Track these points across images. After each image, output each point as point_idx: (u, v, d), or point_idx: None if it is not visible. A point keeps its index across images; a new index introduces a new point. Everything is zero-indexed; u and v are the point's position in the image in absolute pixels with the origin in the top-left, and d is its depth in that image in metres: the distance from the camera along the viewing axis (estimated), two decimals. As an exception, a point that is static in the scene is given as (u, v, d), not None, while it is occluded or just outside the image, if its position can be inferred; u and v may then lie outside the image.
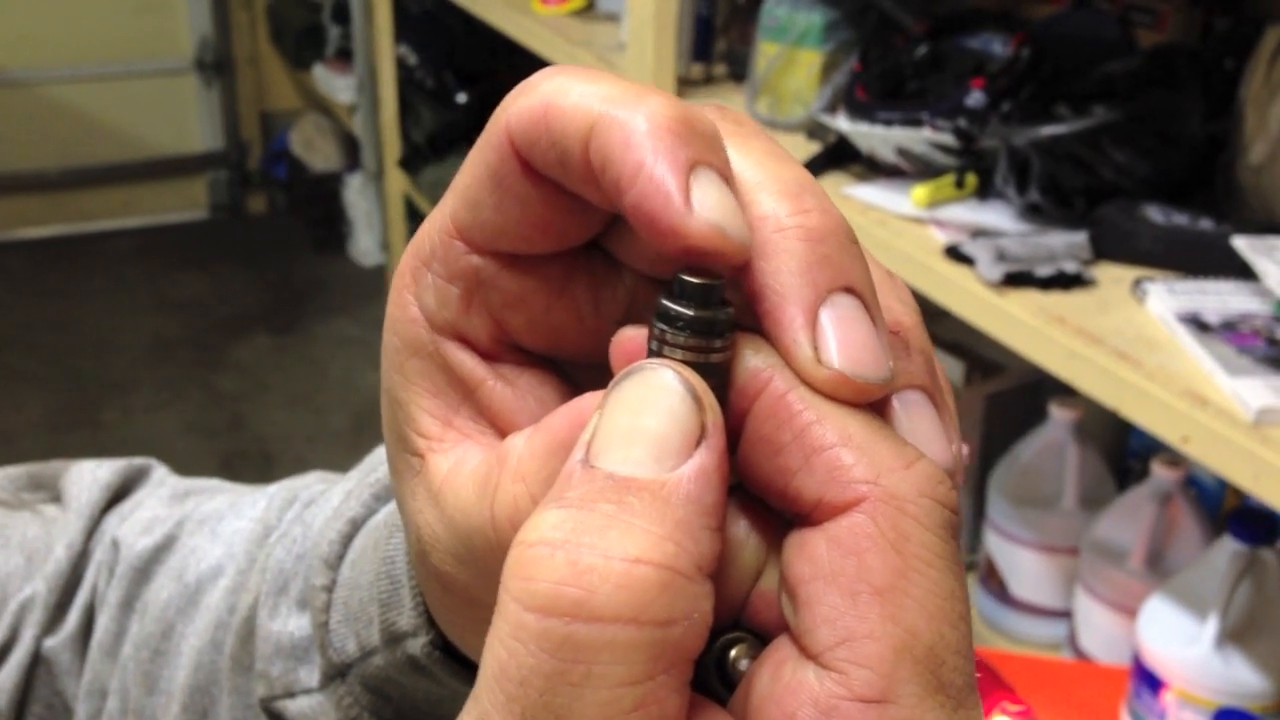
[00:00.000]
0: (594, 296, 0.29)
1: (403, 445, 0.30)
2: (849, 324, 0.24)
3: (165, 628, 0.48)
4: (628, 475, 0.22)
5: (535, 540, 0.22)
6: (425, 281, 0.29)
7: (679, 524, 0.22)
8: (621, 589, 0.21)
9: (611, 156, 0.24)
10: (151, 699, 0.47)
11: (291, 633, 0.43)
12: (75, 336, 3.46)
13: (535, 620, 0.21)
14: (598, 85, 0.25)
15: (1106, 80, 1.21)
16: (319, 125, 4.02)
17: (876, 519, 0.23)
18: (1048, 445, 1.41)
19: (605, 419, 0.23)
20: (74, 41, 3.94)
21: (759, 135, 0.27)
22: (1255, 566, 1.12)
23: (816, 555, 0.23)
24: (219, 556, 0.48)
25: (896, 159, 1.34)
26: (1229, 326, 1.04)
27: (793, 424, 0.24)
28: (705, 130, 0.25)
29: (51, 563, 0.50)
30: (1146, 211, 1.18)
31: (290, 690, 0.43)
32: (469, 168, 0.28)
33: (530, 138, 0.26)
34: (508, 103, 0.27)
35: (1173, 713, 1.14)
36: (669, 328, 0.24)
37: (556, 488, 0.23)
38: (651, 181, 0.24)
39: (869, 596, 0.22)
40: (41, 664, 0.49)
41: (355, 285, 3.78)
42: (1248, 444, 0.91)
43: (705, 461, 0.23)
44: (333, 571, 0.42)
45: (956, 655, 0.22)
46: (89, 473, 0.53)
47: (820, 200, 0.25)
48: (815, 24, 1.52)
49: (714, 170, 0.24)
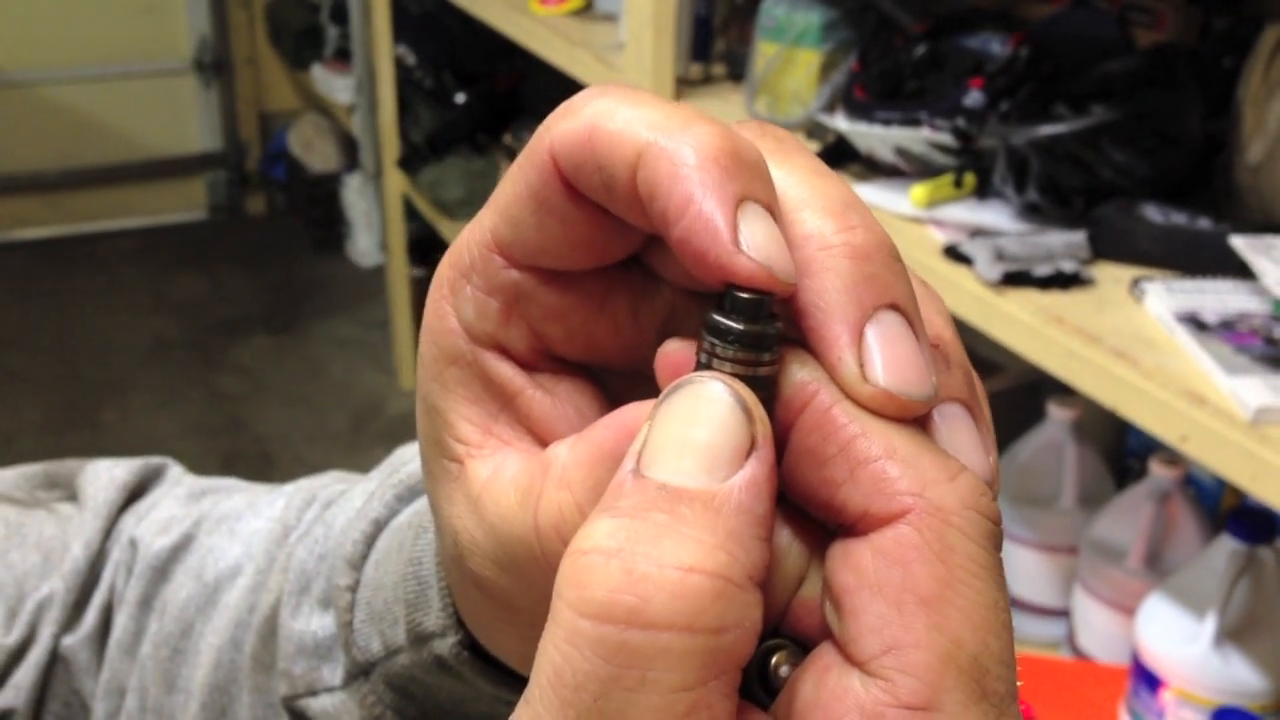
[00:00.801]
0: (633, 308, 0.29)
1: (440, 451, 0.31)
2: (894, 341, 0.24)
3: (184, 627, 0.48)
4: (679, 485, 0.23)
5: (590, 548, 0.22)
6: (464, 294, 0.29)
7: (730, 534, 0.22)
8: (676, 597, 0.21)
9: (659, 188, 0.25)
10: (170, 697, 0.48)
11: (315, 632, 0.43)
12: (74, 337, 3.46)
13: (591, 626, 0.22)
14: (643, 110, 0.26)
15: (1105, 80, 1.21)
16: (318, 125, 4.02)
17: (922, 530, 0.23)
18: (1046, 444, 1.41)
19: (656, 430, 0.24)
20: (73, 42, 3.94)
21: (801, 151, 0.27)
22: (1254, 565, 1.12)
23: (862, 565, 0.23)
24: (238, 556, 0.49)
25: (895, 159, 1.34)
26: (1227, 326, 1.04)
27: (838, 437, 0.24)
28: (751, 160, 0.25)
29: (69, 562, 0.50)
30: (1145, 211, 1.19)
31: (313, 689, 0.43)
32: (510, 184, 0.28)
33: (575, 161, 0.26)
34: (551, 123, 0.27)
35: (1171, 711, 1.14)
36: (719, 341, 0.25)
37: (608, 497, 0.23)
38: (700, 218, 0.24)
39: (915, 606, 0.23)
40: (59, 662, 0.49)
41: (354, 286, 3.78)
42: (1246, 443, 0.91)
43: (756, 472, 0.23)
44: (356, 571, 0.42)
45: (1000, 664, 0.23)
46: (105, 472, 0.54)
47: (864, 217, 0.26)
48: (814, 24, 1.52)
49: (761, 205, 0.25)
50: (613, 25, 1.90)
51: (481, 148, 2.88)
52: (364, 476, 0.48)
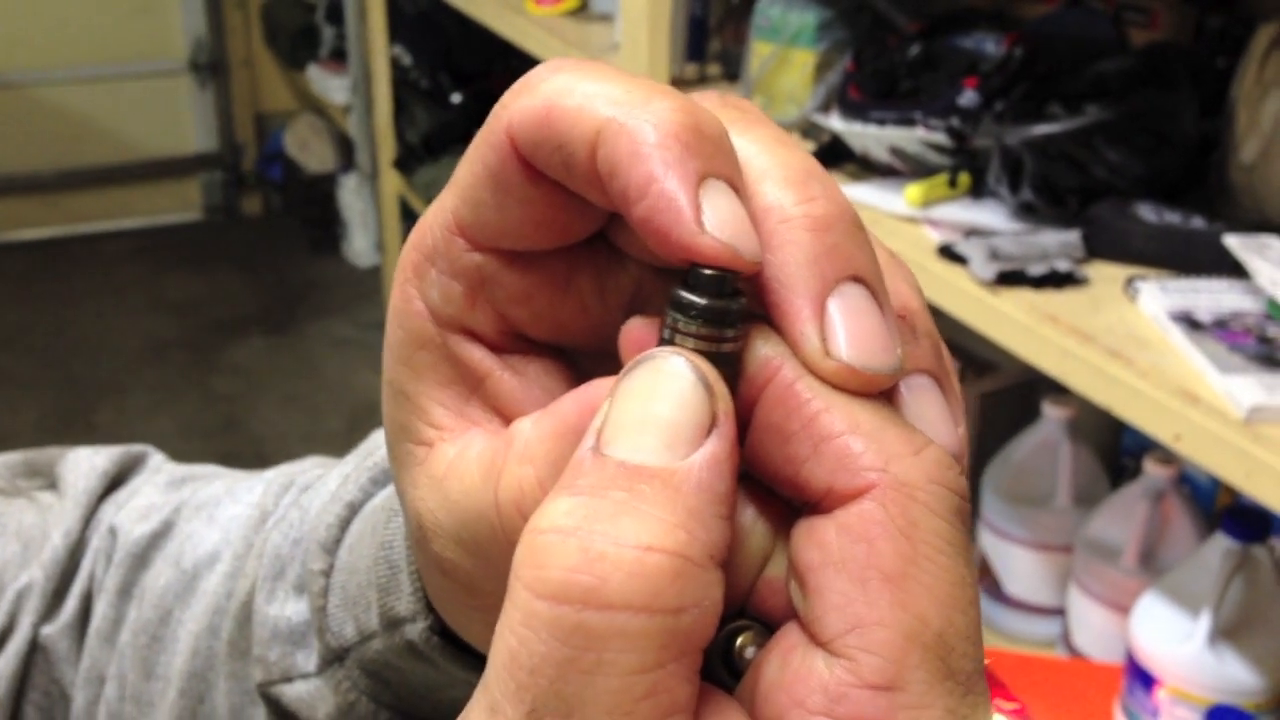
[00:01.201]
0: (599, 287, 0.29)
1: (407, 435, 0.30)
2: (857, 314, 0.24)
3: (163, 614, 0.48)
4: (639, 463, 0.22)
5: (547, 528, 0.22)
6: (429, 277, 0.29)
7: (690, 512, 0.22)
8: (634, 576, 0.21)
9: (619, 166, 0.24)
10: (149, 684, 0.47)
11: (289, 617, 0.43)
12: (70, 338, 3.46)
13: (547, 608, 0.21)
14: (602, 85, 0.25)
15: (1099, 79, 1.21)
16: (313, 126, 4.02)
17: (886, 506, 0.23)
18: (1041, 443, 1.41)
19: (616, 407, 0.23)
20: (68, 43, 3.93)
21: (762, 121, 0.27)
22: (1247, 564, 1.13)
23: (826, 542, 0.23)
24: (216, 542, 0.48)
25: (890, 158, 1.34)
26: (1221, 325, 1.04)
27: (801, 412, 0.24)
28: (714, 134, 0.24)
29: (49, 550, 0.50)
30: (1139, 210, 1.19)
31: (288, 675, 0.43)
32: (469, 165, 0.27)
33: (533, 140, 0.25)
34: (508, 100, 0.26)
35: (1165, 710, 1.14)
36: (682, 316, 0.24)
37: (567, 476, 0.23)
38: (662, 196, 0.23)
39: (879, 583, 0.22)
40: (39, 651, 0.49)
41: (350, 286, 3.78)
42: (1239, 442, 0.92)
43: (717, 450, 0.23)
44: (330, 556, 0.42)
45: (966, 641, 0.22)
46: (85, 460, 0.53)
47: (826, 187, 0.25)
48: (809, 23, 1.53)
49: (724, 181, 0.24)
50: (608, 25, 1.90)
51: (477, 148, 2.88)
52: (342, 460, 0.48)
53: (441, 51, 2.90)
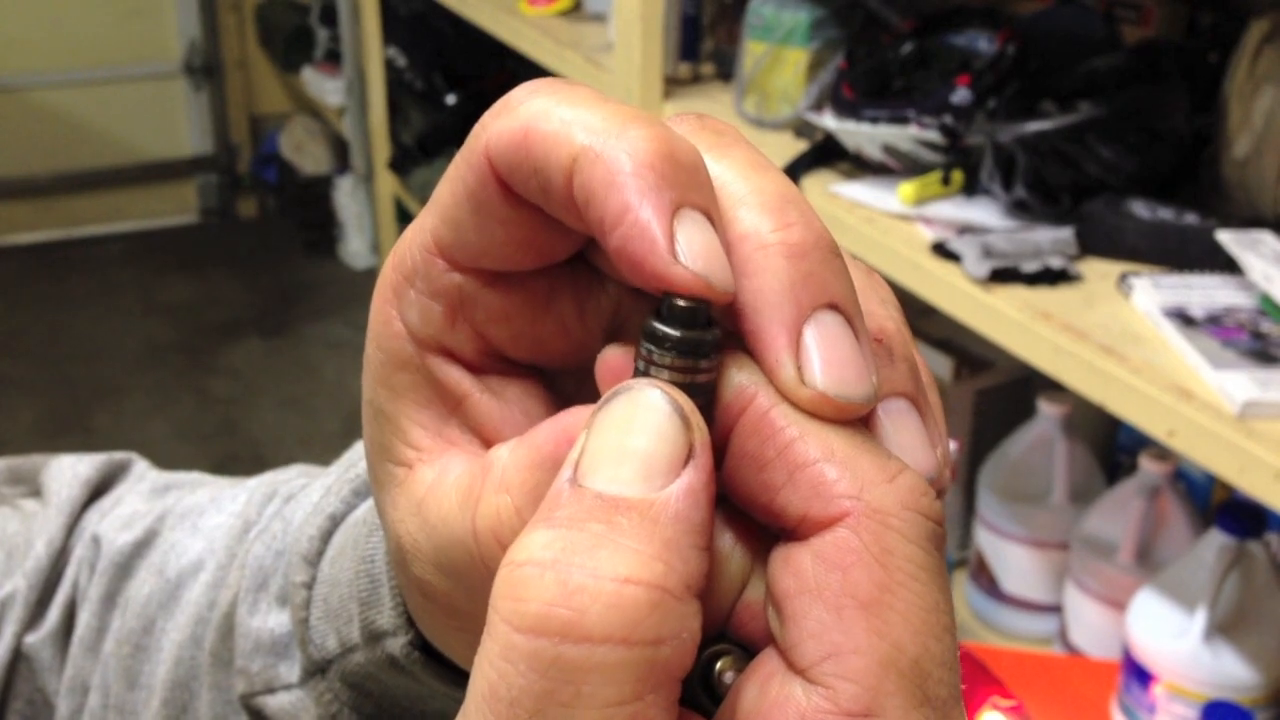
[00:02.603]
0: (579, 307, 0.29)
1: (387, 456, 0.30)
2: (832, 342, 0.24)
3: (146, 623, 0.48)
4: (616, 494, 0.22)
5: (525, 560, 0.22)
6: (408, 298, 0.29)
7: (667, 543, 0.22)
8: (611, 609, 0.21)
9: (595, 195, 0.24)
10: (133, 694, 0.47)
11: (271, 629, 0.43)
12: (66, 342, 3.46)
13: (525, 641, 0.21)
14: (579, 110, 0.25)
15: (1092, 76, 1.21)
16: (308, 128, 4.02)
17: (860, 533, 0.23)
18: (1037, 440, 1.41)
19: (593, 438, 0.23)
20: (62, 46, 3.93)
21: (739, 143, 0.27)
22: (1243, 559, 1.13)
23: (802, 570, 0.23)
24: (199, 551, 0.48)
25: (883, 156, 1.34)
26: (1214, 320, 1.04)
27: (776, 440, 0.24)
28: (689, 164, 0.24)
29: (32, 559, 0.50)
30: (1132, 207, 1.19)
31: (270, 686, 0.43)
32: (448, 186, 0.27)
33: (510, 163, 0.26)
34: (487, 121, 0.26)
35: (1162, 705, 1.14)
36: (656, 348, 0.24)
37: (545, 507, 0.23)
38: (636, 226, 0.24)
39: (854, 611, 0.22)
40: (23, 660, 0.49)
41: (346, 287, 3.78)
42: (1233, 437, 0.92)
43: (693, 481, 0.23)
44: (312, 568, 0.42)
45: (941, 667, 0.23)
46: (69, 468, 0.53)
47: (803, 213, 0.25)
48: (801, 22, 1.53)
49: (698, 211, 0.24)
50: (601, 25, 1.90)
51: (472, 149, 2.89)
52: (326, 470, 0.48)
53: (436, 53, 2.90)
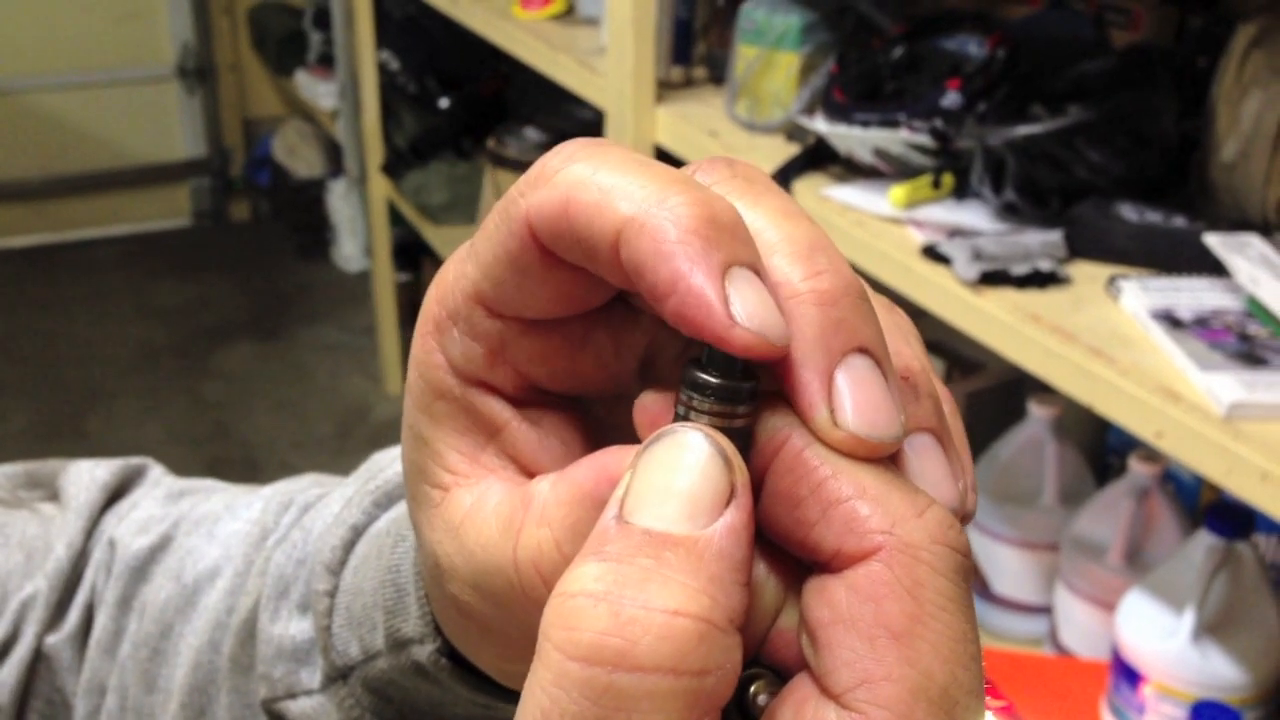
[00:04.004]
0: (615, 343, 0.30)
1: (424, 478, 0.31)
2: (863, 386, 0.25)
3: (164, 628, 0.49)
4: (663, 531, 0.23)
5: (577, 591, 0.23)
6: (450, 335, 0.30)
7: (713, 578, 0.23)
8: (663, 640, 0.22)
9: (645, 265, 0.25)
10: (151, 697, 0.48)
11: (293, 636, 0.44)
12: (59, 345, 3.46)
13: (579, 669, 0.22)
14: (617, 177, 0.26)
15: (1081, 80, 1.22)
16: (301, 131, 4.02)
17: (892, 567, 0.24)
18: (1027, 442, 1.42)
19: (639, 478, 0.24)
20: (56, 50, 3.93)
21: (770, 192, 0.28)
22: (1231, 560, 1.13)
23: (836, 601, 0.24)
24: (216, 558, 0.49)
25: (874, 160, 1.35)
26: (1201, 322, 1.05)
27: (810, 479, 0.25)
28: (730, 223, 0.25)
29: (52, 561, 0.51)
30: (1120, 210, 1.20)
31: (292, 691, 0.44)
32: (489, 244, 0.28)
33: (553, 233, 0.26)
34: (525, 189, 0.27)
35: (1151, 706, 1.15)
36: (697, 395, 0.25)
37: (593, 542, 0.24)
38: (690, 293, 0.24)
39: (886, 641, 0.23)
40: (43, 661, 0.50)
41: (339, 291, 3.78)
42: (1220, 438, 0.92)
43: (735, 519, 0.24)
44: (335, 577, 0.43)
45: (969, 695, 0.24)
46: (87, 472, 0.54)
47: (832, 259, 0.26)
48: (793, 26, 1.53)
49: (747, 269, 0.25)
50: (594, 29, 1.91)
51: (465, 152, 2.89)
52: (340, 480, 0.49)
53: (429, 57, 2.91)
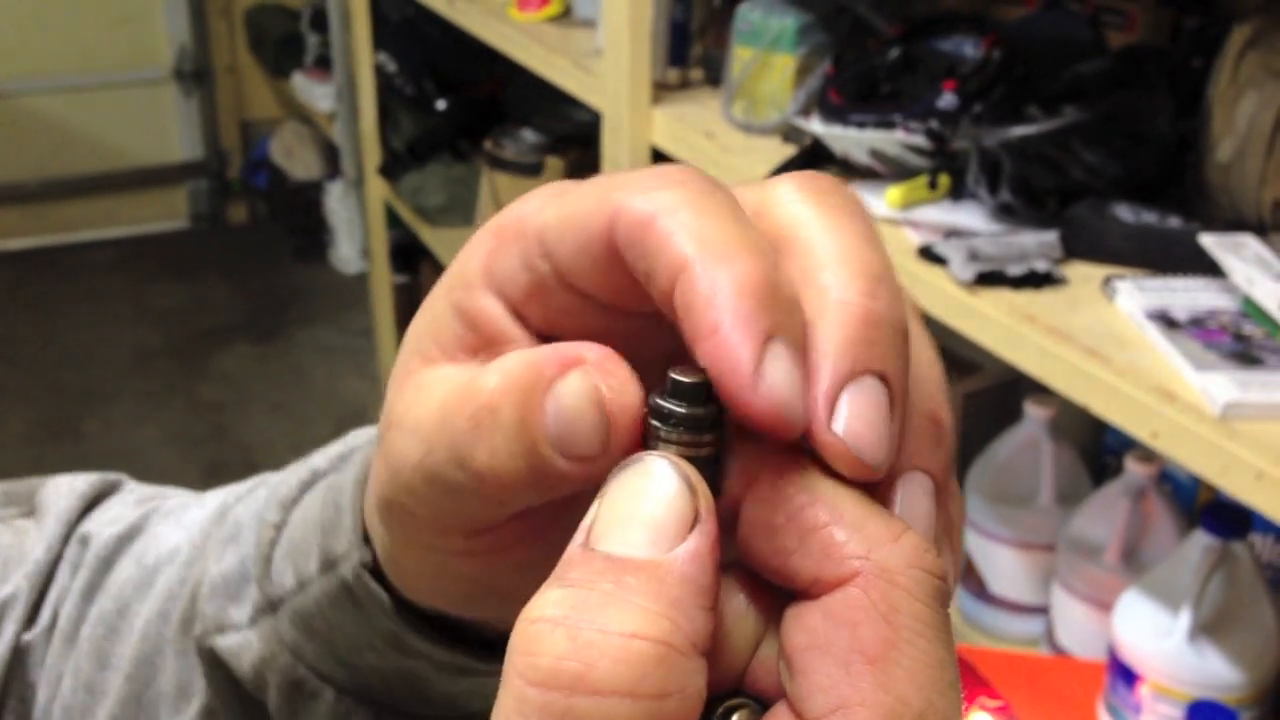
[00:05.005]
0: (639, 346, 0.30)
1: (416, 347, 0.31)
2: (868, 404, 0.25)
3: (121, 606, 0.50)
4: (625, 555, 0.24)
5: (538, 617, 0.23)
6: (509, 250, 0.30)
7: (674, 602, 0.23)
8: (619, 663, 0.22)
9: (693, 307, 0.25)
10: (103, 674, 0.49)
11: (224, 571, 0.45)
12: (56, 348, 3.46)
13: (537, 694, 0.22)
14: (701, 220, 0.26)
15: (1077, 81, 1.22)
16: (299, 133, 4.02)
17: (868, 592, 0.24)
18: (1024, 443, 1.42)
19: (605, 506, 0.24)
20: (52, 52, 3.93)
21: (852, 214, 0.28)
22: (1227, 560, 1.14)
23: (812, 626, 0.24)
24: (178, 540, 0.50)
25: (870, 161, 1.35)
26: (1196, 323, 1.05)
27: (786, 506, 0.25)
28: (787, 298, 0.25)
29: (32, 563, 0.52)
30: (1116, 210, 1.20)
31: (221, 626, 0.44)
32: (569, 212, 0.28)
33: (626, 241, 0.27)
34: (628, 185, 0.27)
35: (1148, 706, 1.15)
36: (662, 424, 0.26)
37: (559, 570, 0.24)
38: (725, 345, 0.25)
39: (861, 666, 0.23)
40: (17, 658, 0.51)
41: (337, 293, 3.78)
42: (1215, 438, 0.93)
43: (699, 545, 0.24)
44: (286, 512, 0.43)
45: None
46: (66, 484, 0.56)
47: (891, 291, 0.26)
48: (789, 28, 1.53)
49: (788, 343, 0.25)
50: (590, 31, 1.91)
51: (463, 154, 2.88)
52: None
53: (426, 59, 2.91)
